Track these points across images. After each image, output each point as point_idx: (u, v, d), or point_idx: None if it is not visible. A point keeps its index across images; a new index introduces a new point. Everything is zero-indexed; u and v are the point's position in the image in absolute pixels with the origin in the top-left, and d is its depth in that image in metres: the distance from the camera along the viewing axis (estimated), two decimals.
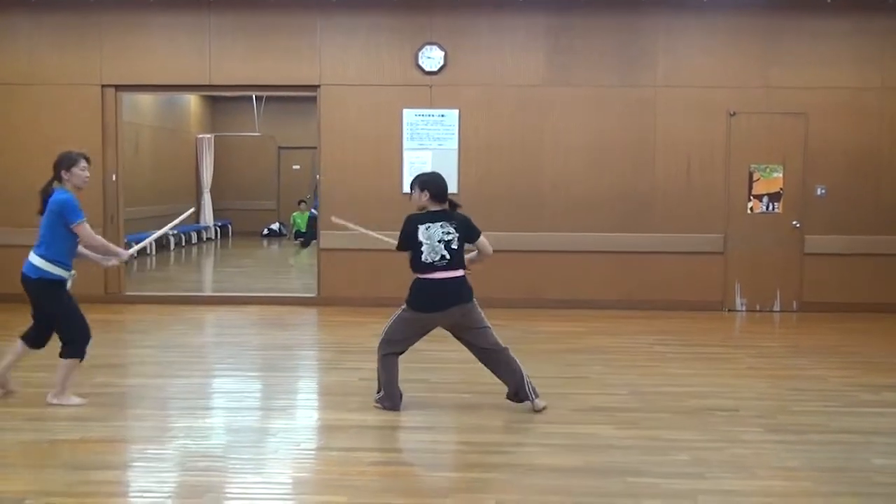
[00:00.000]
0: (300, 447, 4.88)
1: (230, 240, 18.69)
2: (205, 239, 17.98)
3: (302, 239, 17.34)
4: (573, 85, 9.62)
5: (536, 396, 5.47)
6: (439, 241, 5.33)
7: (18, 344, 5.69)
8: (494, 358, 5.52)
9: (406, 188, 9.60)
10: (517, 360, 5.51)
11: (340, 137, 9.72)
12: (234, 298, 10.14)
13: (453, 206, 5.55)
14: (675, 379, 6.47)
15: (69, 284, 5.57)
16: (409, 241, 5.39)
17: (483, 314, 5.55)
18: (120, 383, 6.29)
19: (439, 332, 5.59)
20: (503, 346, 5.53)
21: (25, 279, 5.53)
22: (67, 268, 5.50)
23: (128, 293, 10.07)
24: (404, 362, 6.86)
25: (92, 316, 8.92)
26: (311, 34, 9.68)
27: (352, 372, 6.53)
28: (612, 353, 7.42)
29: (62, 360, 5.52)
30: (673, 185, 9.64)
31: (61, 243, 5.43)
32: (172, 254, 15.69)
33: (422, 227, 5.35)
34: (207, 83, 9.91)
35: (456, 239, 5.37)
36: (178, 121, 17.86)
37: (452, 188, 9.52)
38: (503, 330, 8.27)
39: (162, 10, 9.72)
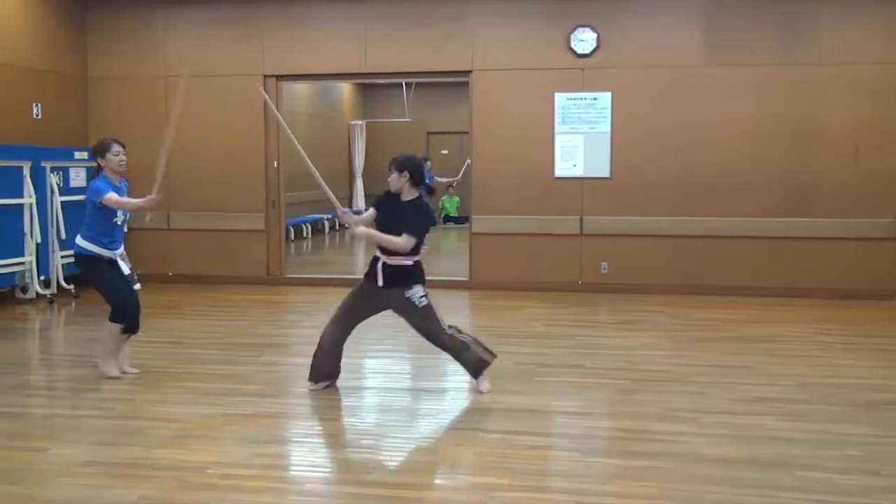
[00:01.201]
0: (459, 428, 4.97)
1: None
2: None
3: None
4: (730, 64, 9.30)
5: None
6: None
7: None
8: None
9: (559, 172, 9.60)
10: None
11: (491, 122, 9.77)
12: None
13: (430, 191, 5.66)
14: (843, 370, 6.19)
15: (123, 266, 5.92)
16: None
17: None
18: (286, 362, 6.55)
19: (592, 315, 5.55)
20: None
21: (74, 257, 5.95)
22: (106, 246, 5.83)
23: (288, 275, 10.47)
24: (561, 347, 6.89)
25: (255, 297, 9.45)
26: (463, 20, 9.76)
27: (508, 356, 6.56)
28: (775, 342, 7.16)
29: (106, 322, 5.88)
30: (838, 168, 9.20)
31: (95, 226, 5.81)
32: (327, 237, 16.18)
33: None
34: (363, 71, 10.16)
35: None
36: (332, 108, 18.36)
37: (604, 172, 9.47)
38: (660, 316, 8.23)
39: (320, 1, 10.03)
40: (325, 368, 5.63)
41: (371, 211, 5.66)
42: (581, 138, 9.54)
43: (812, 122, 9.22)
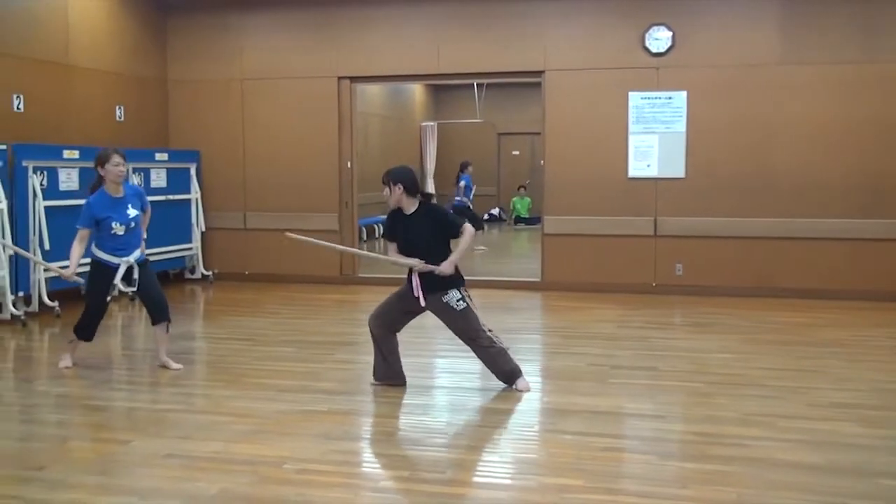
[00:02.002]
0: (533, 429, 4.97)
1: None
2: None
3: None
4: (809, 63, 9.09)
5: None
6: None
7: (154, 330, 6.27)
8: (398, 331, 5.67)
9: (632, 172, 9.51)
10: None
11: (564, 122, 9.72)
12: None
13: (427, 197, 5.56)
14: None
15: (120, 271, 5.99)
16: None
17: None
18: (359, 360, 6.61)
19: (665, 317, 5.49)
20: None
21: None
22: (112, 253, 5.97)
23: (360, 275, 10.59)
24: (634, 349, 6.83)
25: (329, 296, 9.58)
26: (535, 19, 9.74)
27: (580, 357, 6.55)
28: (850, 346, 6.98)
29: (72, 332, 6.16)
30: None
31: (98, 233, 5.96)
32: None
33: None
34: (435, 72, 10.22)
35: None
36: (404, 109, 18.50)
37: (679, 173, 9.35)
38: (734, 319, 8.09)
39: (394, 3, 10.13)
40: (383, 369, 5.67)
41: (393, 245, 5.57)
42: (655, 138, 9.43)
43: (892, 122, 8.94)
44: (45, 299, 8.27)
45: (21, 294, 8.12)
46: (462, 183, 15.61)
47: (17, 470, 4.19)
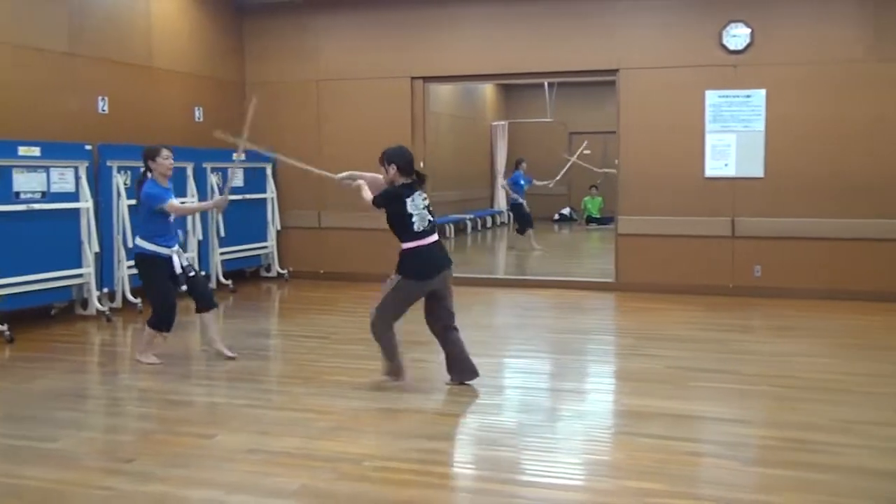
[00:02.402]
0: (609, 431, 4.92)
1: None
2: (498, 223, 18.53)
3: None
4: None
5: (476, 374, 5.65)
6: (424, 209, 5.53)
7: (198, 318, 6.57)
8: (451, 327, 5.73)
9: (709, 172, 9.35)
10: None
11: (639, 121, 9.60)
12: (530, 281, 10.37)
13: (420, 177, 5.64)
14: None
15: (176, 261, 6.22)
16: (399, 215, 5.50)
17: None
18: (432, 359, 6.60)
19: (745, 320, 5.37)
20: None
21: (134, 257, 6.34)
22: (162, 244, 6.18)
23: None
24: (714, 352, 6.72)
25: None
26: (610, 18, 9.64)
27: (657, 359, 6.45)
28: None
29: (147, 325, 6.29)
30: None
31: (150, 224, 6.19)
32: (469, 237, 16.32)
33: (408, 200, 5.49)
34: (508, 71, 10.19)
35: (430, 205, 5.60)
36: (475, 109, 18.52)
37: (758, 172, 9.16)
38: (818, 322, 7.89)
39: (466, 3, 10.13)
40: (448, 364, 5.74)
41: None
42: (733, 137, 9.25)
43: None
44: (129, 296, 8.47)
45: (106, 290, 8.35)
46: (510, 181, 15.17)
47: (108, 462, 4.29)
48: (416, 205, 5.51)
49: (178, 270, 6.25)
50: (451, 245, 15.11)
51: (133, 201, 8.41)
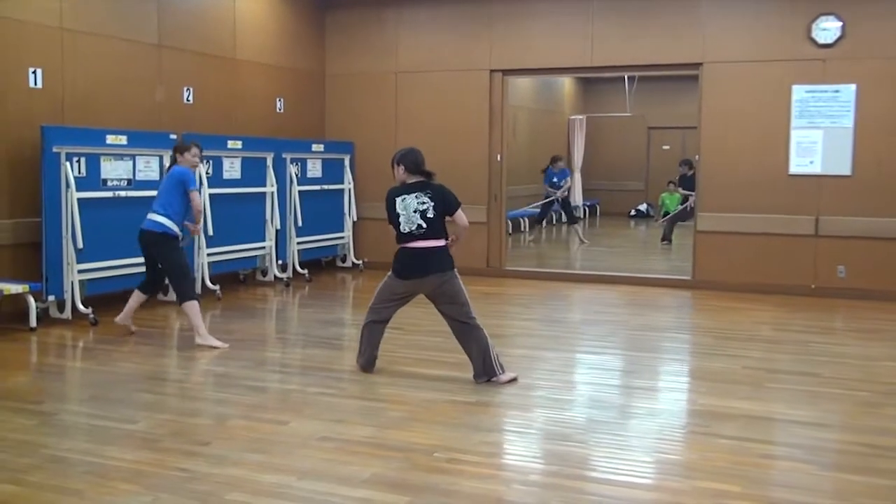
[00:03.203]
0: (683, 430, 4.83)
1: (598, 219, 18.91)
2: (563, 220, 18.34)
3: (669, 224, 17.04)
4: None
5: (503, 372, 5.55)
6: (415, 212, 5.51)
7: (136, 293, 6.82)
8: (466, 331, 5.60)
9: (794, 169, 9.12)
10: (486, 336, 5.59)
11: (722, 116, 9.40)
12: (605, 277, 10.27)
13: (428, 176, 5.65)
14: None
15: (183, 243, 6.69)
16: (389, 214, 5.63)
17: (463, 287, 5.61)
18: (505, 353, 6.57)
19: (827, 321, 5.20)
20: (476, 322, 5.60)
21: (149, 233, 6.54)
22: (181, 227, 6.61)
23: (507, 268, 10.59)
24: (793, 353, 6.54)
25: (474, 287, 9.55)
26: (694, 10, 9.45)
27: (734, 359, 6.33)
28: None
29: (183, 307, 6.60)
30: None
31: (178, 206, 6.54)
32: (543, 232, 16.23)
33: (398, 200, 5.57)
34: (588, 65, 10.09)
35: (431, 208, 5.52)
36: (553, 102, 18.38)
37: (845, 170, 8.89)
38: (890, 324, 7.62)
39: None
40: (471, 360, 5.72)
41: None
42: (820, 133, 8.99)
43: None
44: (208, 283, 8.69)
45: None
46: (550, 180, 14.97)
47: (185, 444, 4.40)
48: (407, 206, 5.56)
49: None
50: (525, 239, 15.05)
51: (213, 190, 8.68)
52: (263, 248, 9.53)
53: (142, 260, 6.86)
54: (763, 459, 4.30)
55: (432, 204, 5.55)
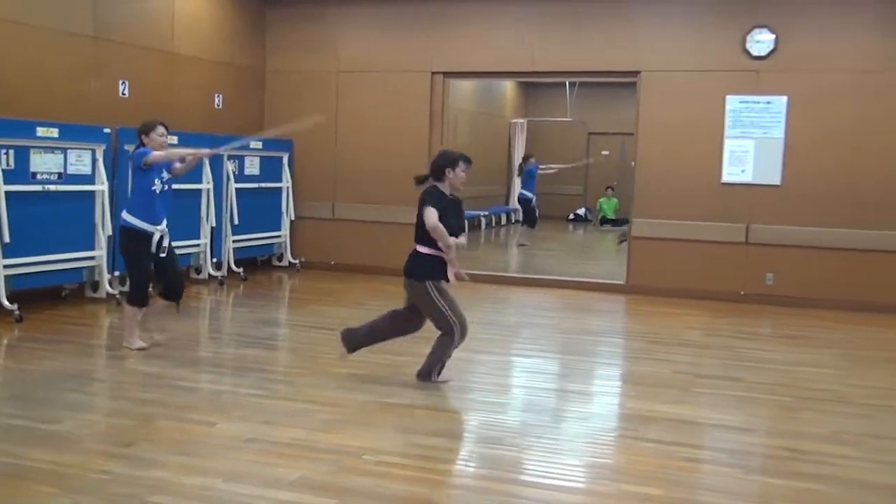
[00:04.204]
0: (613, 434, 4.90)
1: (536, 223, 19.00)
2: (513, 221, 18.50)
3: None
4: None
5: (438, 375, 5.61)
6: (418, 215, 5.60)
7: (158, 302, 6.55)
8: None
9: (726, 177, 9.29)
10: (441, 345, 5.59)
11: (658, 124, 9.55)
12: (541, 281, 10.35)
13: (425, 178, 5.74)
14: None
15: (155, 238, 6.13)
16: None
17: (434, 300, 5.53)
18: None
19: (754, 328, 5.32)
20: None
21: (119, 231, 6.33)
22: (147, 220, 6.10)
23: None
24: (720, 358, 6.67)
25: None
26: (632, 19, 9.59)
27: (664, 363, 6.43)
28: None
29: (126, 304, 6.32)
30: None
31: (138, 197, 6.16)
32: (483, 233, 16.30)
33: None
34: (530, 70, 10.16)
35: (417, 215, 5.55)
36: (495, 106, 18.48)
37: (776, 180, 9.10)
38: (827, 333, 7.83)
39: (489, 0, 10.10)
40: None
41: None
42: (752, 143, 9.19)
43: None
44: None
45: (117, 273, 8.37)
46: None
47: (107, 445, 4.31)
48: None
49: (153, 249, 6.17)
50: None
51: None
52: (198, 245, 9.39)
53: (71, 255, 6.66)
54: (688, 463, 4.38)
55: (417, 210, 5.61)
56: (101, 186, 8.03)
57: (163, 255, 6.24)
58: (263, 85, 11.05)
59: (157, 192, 6.17)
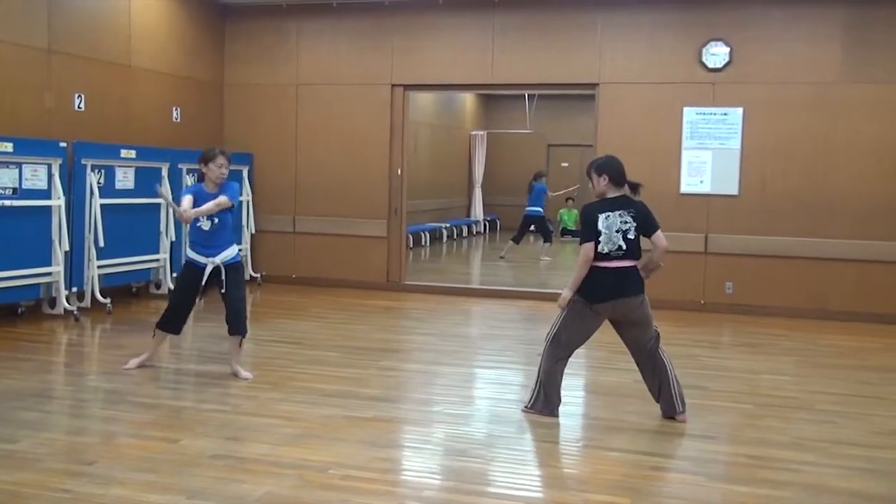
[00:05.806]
0: (578, 444, 4.92)
1: (498, 235, 19.12)
2: (474, 233, 18.54)
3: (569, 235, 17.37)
4: (873, 82, 8.92)
5: (683, 410, 5.21)
6: (617, 231, 5.08)
7: (229, 339, 6.24)
8: (651, 364, 5.29)
9: (684, 188, 9.40)
10: (669, 365, 5.28)
11: (617, 135, 9.62)
12: (504, 292, 10.38)
13: (634, 187, 5.26)
14: None
15: (208, 270, 5.95)
16: (589, 231, 5.09)
17: (650, 312, 5.26)
18: (403, 367, 6.63)
19: (714, 336, 5.39)
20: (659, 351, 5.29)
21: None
22: (198, 252, 5.99)
23: (406, 282, 10.59)
24: (681, 367, 6.72)
25: (374, 302, 9.59)
26: (591, 32, 9.68)
27: (627, 373, 6.44)
28: None
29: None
30: None
31: (191, 231, 6.07)
32: (445, 246, 16.31)
33: (601, 217, 5.08)
34: (489, 82, 10.21)
35: (633, 229, 5.11)
36: (454, 118, 18.53)
37: (733, 190, 9.23)
38: (787, 340, 7.94)
39: (449, 12, 10.14)
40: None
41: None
42: (709, 154, 9.32)
43: None
44: (98, 296, 8.36)
45: (75, 290, 8.25)
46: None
47: (68, 464, 4.24)
48: (609, 224, 5.08)
49: (203, 282, 5.99)
50: (427, 254, 15.10)
51: (106, 200, 8.41)
52: (158, 260, 9.28)
53: (28, 272, 6.50)
54: (653, 472, 4.41)
55: (634, 224, 5.12)
56: (58, 201, 7.90)
57: (223, 290, 6.05)
58: (222, 98, 10.97)
59: (206, 229, 5.95)
